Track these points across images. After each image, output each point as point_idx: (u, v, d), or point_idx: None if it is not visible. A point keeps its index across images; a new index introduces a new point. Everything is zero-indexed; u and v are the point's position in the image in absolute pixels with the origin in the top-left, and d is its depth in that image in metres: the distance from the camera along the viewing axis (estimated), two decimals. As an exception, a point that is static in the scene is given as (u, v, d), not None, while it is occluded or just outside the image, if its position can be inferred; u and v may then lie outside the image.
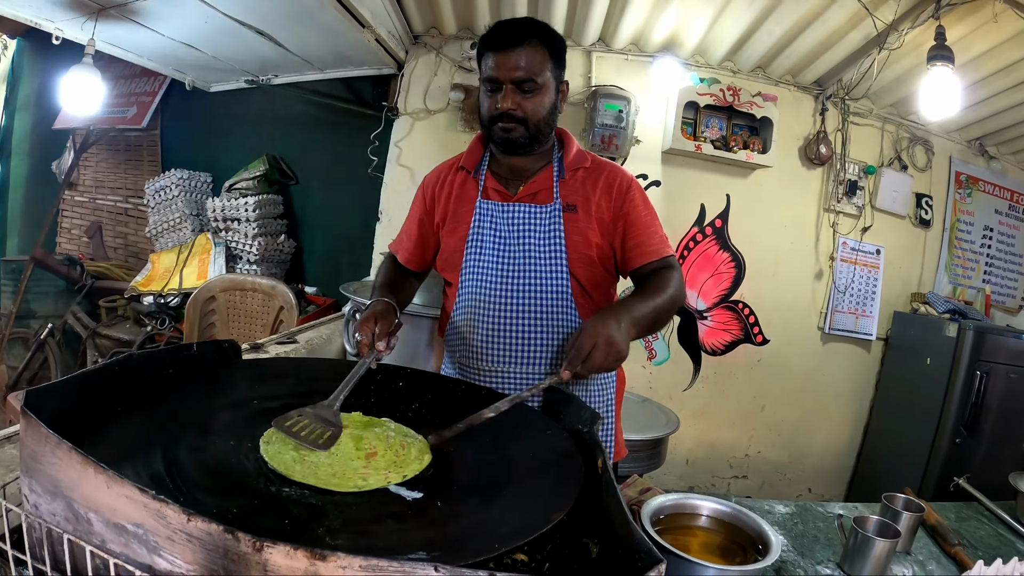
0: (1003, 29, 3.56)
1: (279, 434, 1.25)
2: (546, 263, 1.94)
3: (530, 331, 1.96)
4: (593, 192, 1.98)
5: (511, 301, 1.95)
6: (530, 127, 1.89)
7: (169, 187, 5.56)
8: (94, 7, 3.76)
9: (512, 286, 1.95)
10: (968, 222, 5.24)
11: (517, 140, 1.90)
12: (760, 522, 1.49)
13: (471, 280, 1.99)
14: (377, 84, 4.88)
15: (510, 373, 1.98)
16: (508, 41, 1.84)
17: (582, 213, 1.96)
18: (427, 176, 2.18)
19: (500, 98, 1.85)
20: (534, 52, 1.84)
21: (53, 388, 1.07)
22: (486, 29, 1.90)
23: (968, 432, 4.35)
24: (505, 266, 1.96)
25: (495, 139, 1.94)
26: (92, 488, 0.82)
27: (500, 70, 1.83)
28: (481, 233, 1.98)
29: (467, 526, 1.05)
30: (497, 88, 1.86)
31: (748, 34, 4.18)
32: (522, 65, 1.83)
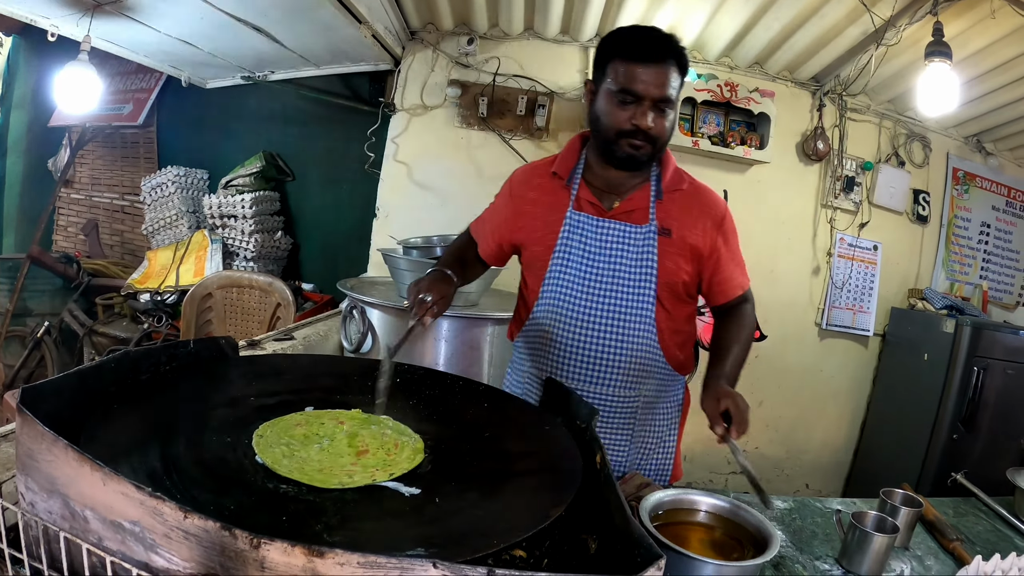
0: (1001, 25, 3.55)
1: (272, 428, 1.26)
2: (634, 284, 1.92)
3: (609, 350, 1.94)
4: (688, 218, 1.94)
5: (592, 318, 1.93)
6: (657, 147, 1.84)
7: (165, 184, 5.54)
8: (90, 3, 3.74)
9: (595, 303, 1.93)
10: (965, 218, 5.25)
11: (642, 158, 1.84)
12: (759, 517, 1.48)
13: (553, 292, 1.97)
14: (374, 80, 4.87)
15: (584, 391, 1.96)
16: (656, 54, 1.76)
17: (676, 238, 1.92)
18: (516, 174, 2.13)
19: (637, 113, 1.77)
20: (674, 70, 1.78)
21: (49, 386, 1.07)
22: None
23: (965, 428, 4.35)
24: (590, 282, 1.93)
25: (616, 153, 1.84)
26: (88, 485, 0.83)
27: (643, 84, 1.74)
28: (569, 245, 1.95)
29: (465, 522, 1.05)
30: (634, 102, 1.77)
31: (746, 30, 4.17)
32: (664, 83, 1.76)
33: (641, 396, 2.00)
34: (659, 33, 1.81)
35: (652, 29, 1.83)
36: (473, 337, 2.89)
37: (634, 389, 1.97)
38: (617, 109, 1.78)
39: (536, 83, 4.52)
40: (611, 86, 1.79)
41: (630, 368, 1.95)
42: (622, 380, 1.96)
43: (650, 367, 1.98)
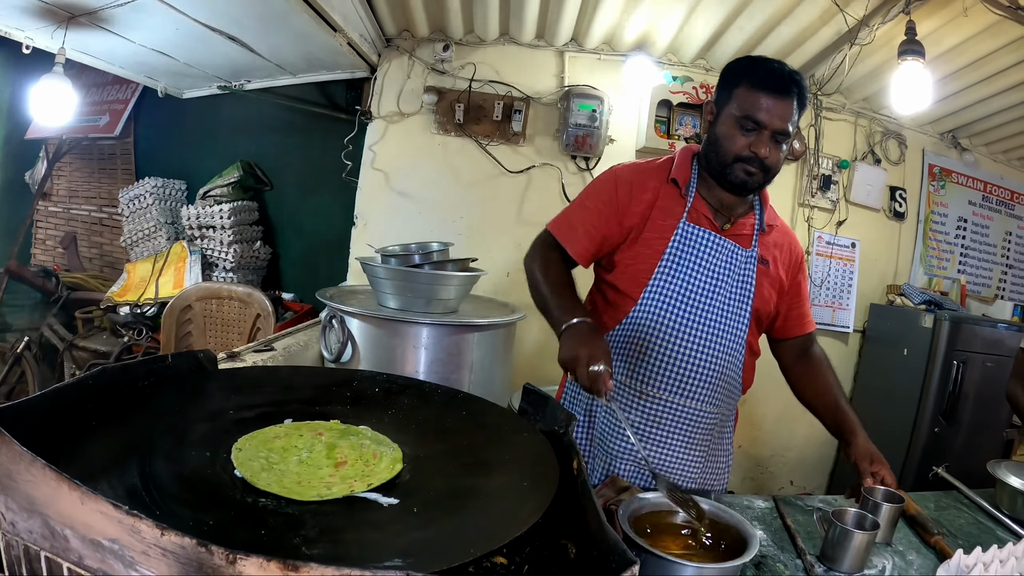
0: (973, 23, 3.59)
1: (251, 441, 1.25)
2: (734, 305, 1.96)
3: (703, 364, 1.97)
4: (780, 253, 2.04)
5: (692, 331, 1.95)
6: (768, 177, 1.90)
7: (143, 195, 5.50)
8: (64, 15, 3.72)
9: (696, 316, 1.95)
10: (942, 214, 5.30)
11: (754, 185, 1.91)
12: (738, 517, 1.50)
13: (655, 299, 1.97)
14: (350, 88, 4.86)
15: (670, 402, 1.98)
16: (785, 88, 1.82)
17: (772, 270, 2.01)
18: (621, 170, 2.10)
19: (757, 141, 1.83)
20: (794, 105, 1.84)
21: (26, 404, 1.06)
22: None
23: (946, 421, 4.40)
24: (694, 294, 1.95)
25: (729, 177, 1.90)
26: (67, 504, 0.82)
27: (767, 115, 1.80)
28: (679, 255, 1.96)
29: (443, 531, 1.05)
30: (755, 129, 1.83)
31: (720, 32, 4.20)
32: (787, 117, 1.82)
33: (720, 413, 2.05)
34: (788, 68, 1.87)
35: (782, 64, 1.89)
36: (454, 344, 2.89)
37: (716, 406, 2.02)
38: (738, 134, 1.85)
39: (512, 88, 4.53)
40: (735, 111, 1.85)
41: (718, 385, 1.99)
42: (709, 395, 2.00)
43: (731, 385, 2.04)
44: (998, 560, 1.54)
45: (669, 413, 1.98)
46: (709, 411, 2.00)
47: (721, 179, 1.92)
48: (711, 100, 1.98)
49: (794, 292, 2.08)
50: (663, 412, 1.98)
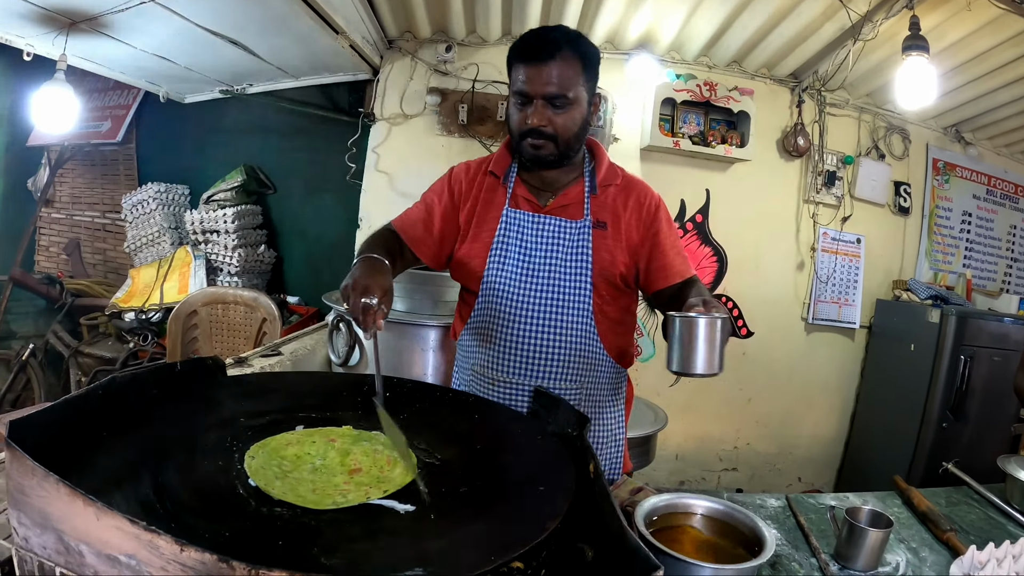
0: (976, 17, 3.59)
1: (263, 449, 1.24)
2: (571, 278, 1.92)
3: (549, 344, 1.94)
4: (623, 211, 1.96)
5: (532, 313, 1.93)
6: (560, 143, 1.84)
7: (146, 201, 5.51)
8: (65, 21, 3.72)
9: (534, 298, 1.93)
10: (947, 208, 5.29)
11: (546, 157, 1.87)
12: (754, 518, 1.49)
13: (492, 288, 1.97)
14: (353, 90, 4.86)
15: (524, 385, 1.96)
16: (540, 53, 1.78)
17: (611, 231, 1.94)
18: (456, 168, 2.11)
19: (530, 113, 1.81)
20: (566, 66, 1.79)
21: (37, 417, 1.05)
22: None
23: (954, 416, 4.39)
24: (528, 277, 1.94)
25: (524, 154, 1.90)
26: (82, 520, 0.81)
27: (531, 84, 1.78)
28: (507, 242, 1.96)
29: (462, 538, 1.04)
30: (527, 102, 1.82)
31: (723, 29, 4.19)
32: (554, 80, 1.77)
33: (584, 389, 2.00)
34: (547, 32, 1.84)
35: (543, 29, 1.87)
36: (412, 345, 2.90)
37: (575, 381, 1.98)
38: (516, 110, 1.86)
39: (515, 88, 4.50)
40: (511, 91, 1.86)
41: (571, 360, 1.96)
42: (563, 372, 1.96)
43: (591, 359, 1.99)
44: (1011, 556, 1.54)
45: (522, 394, 1.96)
46: (568, 388, 1.97)
47: (522, 158, 1.93)
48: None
49: (650, 244, 1.96)
50: (517, 396, 1.96)
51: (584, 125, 1.89)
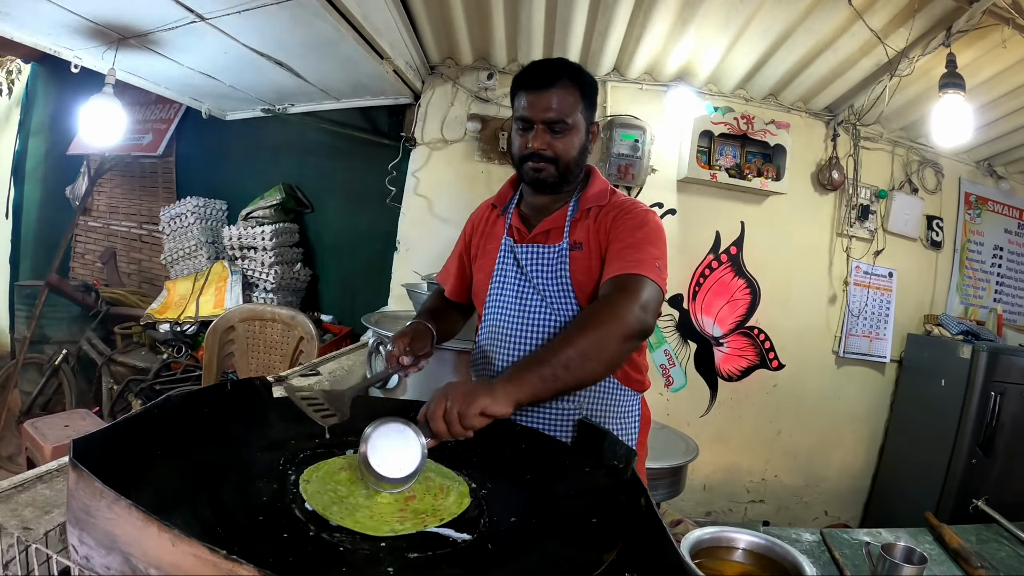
0: (1012, 53, 3.60)
1: (317, 473, 1.27)
2: (557, 300, 1.95)
3: None
4: (601, 226, 1.97)
5: (526, 337, 1.97)
6: (559, 166, 1.91)
7: (184, 215, 5.59)
8: (115, 37, 3.79)
9: (528, 322, 1.97)
10: (978, 242, 5.27)
11: (547, 180, 1.93)
12: (794, 553, 1.52)
13: (492, 315, 2.03)
14: (392, 113, 4.91)
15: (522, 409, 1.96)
16: (541, 82, 1.87)
17: (587, 250, 1.95)
18: (474, 212, 2.28)
19: (531, 138, 1.89)
20: (566, 93, 1.87)
21: (99, 435, 1.08)
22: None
23: (984, 452, 4.36)
24: (522, 302, 1.98)
25: (525, 178, 1.98)
26: (154, 546, 0.81)
27: (532, 110, 1.87)
28: (504, 270, 2.03)
29: (520, 569, 1.06)
30: (528, 127, 1.89)
31: (761, 62, 4.22)
32: (553, 106, 1.86)
33: (583, 409, 2.00)
34: (548, 62, 1.96)
35: (546, 60, 1.99)
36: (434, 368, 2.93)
37: (572, 402, 1.98)
38: (517, 136, 1.94)
39: (555, 116, 4.54)
40: (514, 117, 1.96)
41: None
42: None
43: None
44: None
45: (526, 412, 1.97)
46: (563, 408, 1.98)
47: (524, 182, 2.03)
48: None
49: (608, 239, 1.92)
50: (520, 414, 1.96)
51: (583, 150, 1.97)
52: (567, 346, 1.56)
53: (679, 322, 4.83)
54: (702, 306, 4.82)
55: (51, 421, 3.79)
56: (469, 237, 2.21)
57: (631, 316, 1.64)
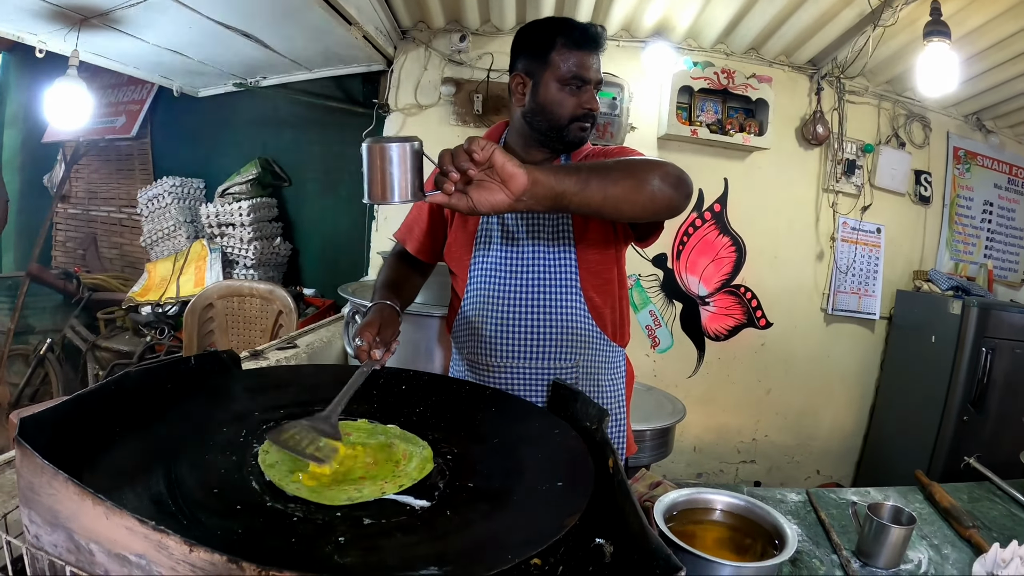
0: (998, 2, 3.55)
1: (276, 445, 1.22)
2: (554, 255, 1.94)
3: (539, 325, 1.95)
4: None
5: (520, 296, 1.94)
6: (595, 124, 1.95)
7: (162, 195, 5.53)
8: (76, 17, 3.72)
9: (521, 281, 1.94)
10: (968, 197, 5.23)
11: (588, 138, 1.96)
12: (774, 514, 1.47)
13: (479, 276, 1.98)
14: (367, 81, 4.84)
15: (519, 368, 1.97)
16: (592, 43, 1.87)
17: None
18: None
19: (587, 98, 1.88)
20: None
21: (47, 414, 1.05)
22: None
23: (975, 409, 4.34)
24: (514, 261, 1.95)
25: (568, 137, 1.91)
26: (91, 519, 0.81)
27: (588, 71, 1.86)
28: (490, 228, 1.98)
29: (478, 535, 1.02)
30: (582, 86, 1.87)
31: (740, 15, 4.16)
32: (601, 68, 1.91)
33: (579, 367, 2.00)
34: (592, 25, 1.93)
35: (588, 23, 1.94)
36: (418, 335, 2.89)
37: (570, 360, 1.98)
38: (567, 96, 1.87)
39: (531, 77, 4.48)
40: (559, 74, 1.86)
41: (562, 338, 1.96)
42: (556, 351, 1.97)
43: (582, 335, 1.99)
44: None
45: (517, 377, 1.97)
46: (562, 367, 1.98)
47: (556, 142, 1.93)
48: (519, 72, 1.94)
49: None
50: (511, 378, 1.97)
51: None
52: (606, 164, 1.51)
53: (663, 282, 4.81)
54: (686, 265, 4.78)
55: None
56: None
57: (669, 164, 1.56)
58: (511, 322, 1.95)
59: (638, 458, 3.10)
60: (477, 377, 2.03)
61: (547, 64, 1.87)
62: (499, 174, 1.26)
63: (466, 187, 1.28)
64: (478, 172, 1.26)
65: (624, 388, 2.17)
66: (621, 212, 1.51)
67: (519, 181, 1.27)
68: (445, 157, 1.26)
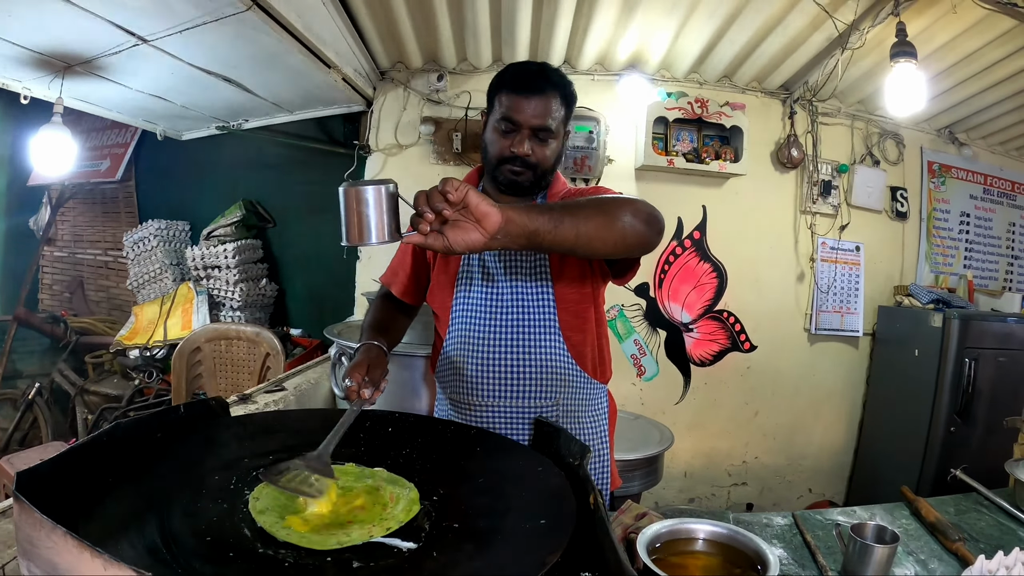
0: (963, 19, 3.61)
1: (267, 490, 1.25)
2: (533, 295, 1.95)
3: (519, 365, 1.96)
4: None
5: (500, 337, 1.96)
6: (537, 172, 1.90)
7: (147, 238, 5.54)
8: (60, 65, 3.76)
9: (501, 322, 1.96)
10: (944, 210, 5.30)
11: (523, 183, 1.91)
12: (756, 540, 1.48)
13: (461, 317, 2.00)
14: (348, 121, 4.87)
15: (501, 408, 1.98)
16: (532, 86, 1.85)
17: None
18: None
19: (516, 141, 1.86)
20: (553, 101, 1.86)
21: (43, 467, 1.07)
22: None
23: (962, 420, 4.37)
24: (493, 301, 1.96)
25: (499, 179, 1.93)
26: (90, 571, 0.82)
27: (520, 113, 1.84)
28: (470, 270, 1.99)
29: (465, 575, 1.06)
30: (513, 130, 1.86)
31: (711, 45, 4.22)
32: (541, 113, 1.84)
33: (560, 406, 2.01)
34: (541, 68, 1.93)
35: (535, 64, 1.96)
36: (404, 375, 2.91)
37: (550, 398, 1.98)
38: (499, 137, 1.89)
39: (508, 114, 4.52)
40: (496, 115, 1.89)
41: (543, 377, 1.97)
42: (536, 391, 1.97)
43: (562, 374, 1.99)
44: (1020, 563, 1.52)
45: (498, 416, 1.98)
46: (542, 406, 1.98)
47: (496, 183, 1.96)
48: (483, 112, 2.02)
49: None
50: (493, 417, 1.98)
51: (559, 157, 1.97)
52: (578, 202, 1.51)
53: (646, 311, 4.83)
54: (669, 293, 4.81)
55: (27, 455, 3.75)
56: None
57: (641, 201, 1.59)
58: (491, 362, 1.96)
59: (628, 487, 3.10)
60: (460, 416, 2.04)
61: (492, 105, 1.93)
62: (473, 213, 1.27)
63: (442, 227, 1.29)
64: (453, 212, 1.27)
65: (607, 423, 2.18)
66: (594, 249, 1.52)
67: (493, 219, 1.28)
68: (420, 198, 1.27)
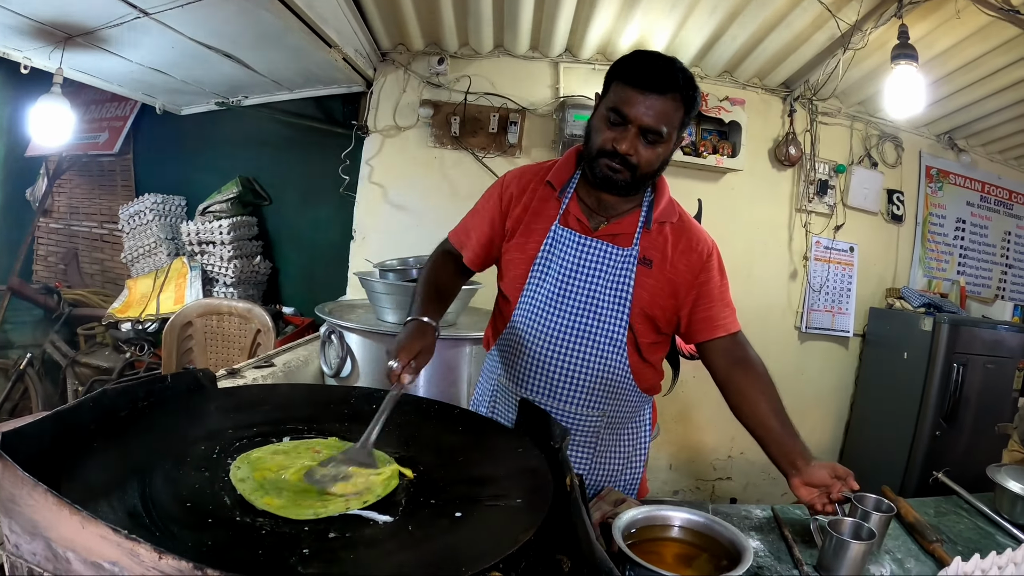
0: (966, 25, 3.61)
1: (248, 460, 1.26)
2: (608, 307, 1.88)
3: (577, 369, 1.91)
4: (673, 252, 1.89)
5: (564, 335, 1.90)
6: (636, 175, 1.78)
7: (143, 212, 5.53)
8: (61, 36, 3.74)
9: (569, 320, 1.90)
10: (940, 215, 5.31)
11: (619, 182, 1.80)
12: (732, 530, 1.48)
13: (528, 304, 1.94)
14: (347, 102, 4.86)
15: (546, 406, 1.90)
16: (652, 82, 1.70)
17: (656, 270, 1.88)
18: (508, 174, 2.06)
19: (620, 136, 1.73)
20: (672, 103, 1.73)
21: (28, 429, 1.08)
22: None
23: (948, 424, 4.40)
24: (565, 298, 1.90)
25: (595, 171, 1.82)
26: (68, 528, 0.84)
27: (632, 108, 1.70)
28: (549, 258, 1.91)
29: (437, 550, 1.06)
30: (620, 123, 1.73)
31: (713, 40, 4.22)
32: (656, 114, 1.71)
33: (605, 416, 1.98)
34: (669, 64, 1.76)
35: (665, 58, 1.78)
36: (451, 358, 2.90)
37: (597, 408, 1.96)
38: (605, 127, 1.76)
39: (507, 100, 4.55)
40: (607, 103, 1.76)
41: (596, 387, 1.93)
42: (586, 399, 1.94)
43: (618, 388, 1.96)
44: (996, 567, 1.51)
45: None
46: (588, 414, 1.95)
47: (591, 174, 1.85)
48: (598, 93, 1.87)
49: (696, 293, 1.91)
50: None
51: (664, 163, 1.84)
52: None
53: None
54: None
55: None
56: (507, 206, 2.00)
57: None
58: (550, 359, 1.92)
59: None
60: (503, 405, 2.02)
61: (607, 90, 1.79)
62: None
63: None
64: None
65: (647, 436, 2.15)
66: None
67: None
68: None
